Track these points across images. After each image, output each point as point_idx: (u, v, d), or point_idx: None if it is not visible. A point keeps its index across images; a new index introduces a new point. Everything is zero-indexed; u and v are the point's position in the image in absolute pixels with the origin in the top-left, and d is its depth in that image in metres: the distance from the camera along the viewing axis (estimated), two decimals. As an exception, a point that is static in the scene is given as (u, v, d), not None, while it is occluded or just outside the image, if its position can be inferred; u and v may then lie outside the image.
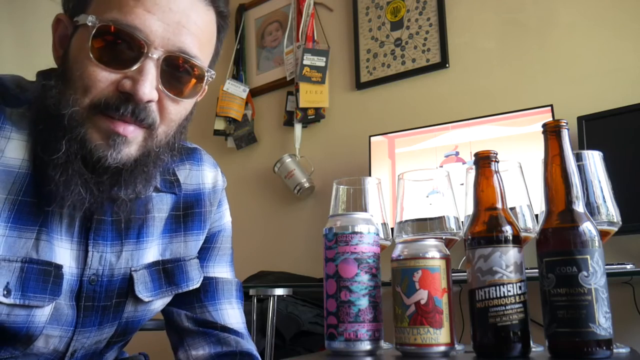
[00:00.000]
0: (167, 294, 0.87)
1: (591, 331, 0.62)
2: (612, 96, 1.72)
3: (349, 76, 2.37)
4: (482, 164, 0.74)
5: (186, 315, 0.91)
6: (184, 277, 0.88)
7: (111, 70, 0.69)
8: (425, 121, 2.00)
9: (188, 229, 0.90)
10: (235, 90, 2.57)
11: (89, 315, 0.78)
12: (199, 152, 0.96)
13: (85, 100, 0.69)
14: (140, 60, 0.69)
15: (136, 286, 0.82)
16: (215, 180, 0.95)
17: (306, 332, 1.79)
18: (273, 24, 2.66)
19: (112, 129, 0.69)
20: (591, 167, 0.77)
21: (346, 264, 0.72)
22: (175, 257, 0.88)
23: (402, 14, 2.26)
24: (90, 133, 0.69)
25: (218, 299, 0.92)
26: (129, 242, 0.81)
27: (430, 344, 0.67)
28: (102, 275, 0.79)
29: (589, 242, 0.64)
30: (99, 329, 0.80)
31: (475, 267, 0.68)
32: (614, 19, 1.81)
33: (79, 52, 0.70)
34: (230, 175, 2.64)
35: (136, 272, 0.82)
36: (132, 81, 0.69)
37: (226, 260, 0.97)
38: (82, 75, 0.69)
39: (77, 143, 0.69)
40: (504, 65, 2.00)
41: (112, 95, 0.69)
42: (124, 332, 0.85)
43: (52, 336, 0.76)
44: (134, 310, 0.83)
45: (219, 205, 0.96)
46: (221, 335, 0.90)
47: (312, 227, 2.30)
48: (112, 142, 0.69)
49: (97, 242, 0.78)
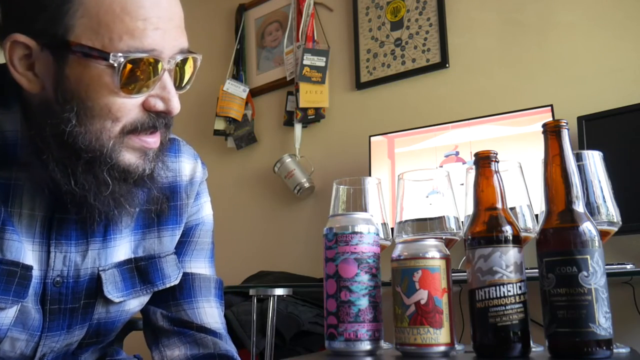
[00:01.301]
0: (141, 293, 0.84)
1: (591, 331, 0.62)
2: (612, 96, 1.72)
3: (349, 76, 2.37)
4: (482, 164, 0.73)
5: (161, 313, 0.88)
6: (159, 275, 0.85)
7: (137, 96, 0.69)
8: (425, 121, 2.00)
9: (162, 224, 0.87)
10: (235, 90, 2.57)
11: (56, 318, 0.76)
12: (176, 143, 0.93)
13: (115, 129, 0.69)
14: (159, 76, 0.69)
15: (105, 286, 0.79)
16: (193, 172, 0.92)
17: (306, 332, 1.79)
18: (273, 24, 2.66)
19: (145, 147, 0.72)
20: (591, 167, 0.77)
21: (346, 264, 0.72)
22: (149, 254, 0.85)
23: (402, 14, 2.26)
24: (126, 157, 0.70)
25: (194, 297, 0.89)
26: (95, 240, 0.79)
27: (430, 344, 0.67)
28: (67, 276, 0.76)
29: (589, 242, 0.64)
30: (68, 332, 0.78)
31: (475, 267, 0.68)
32: (614, 19, 1.81)
33: (97, 86, 0.67)
34: (230, 175, 2.67)
35: (104, 271, 0.79)
36: (161, 100, 0.70)
37: (204, 255, 0.93)
38: (110, 108, 0.68)
39: (117, 170, 0.70)
40: (503, 65, 2.00)
41: (143, 117, 0.70)
42: (96, 333, 0.83)
43: (18, 339, 0.74)
44: (105, 311, 0.81)
45: (197, 198, 0.93)
46: (197, 335, 0.87)
47: (312, 227, 2.30)
48: (147, 157, 0.72)
49: (60, 242, 0.76)
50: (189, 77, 0.76)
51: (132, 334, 1.13)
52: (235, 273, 2.18)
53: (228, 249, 2.48)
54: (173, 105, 0.71)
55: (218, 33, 2.83)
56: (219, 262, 0.99)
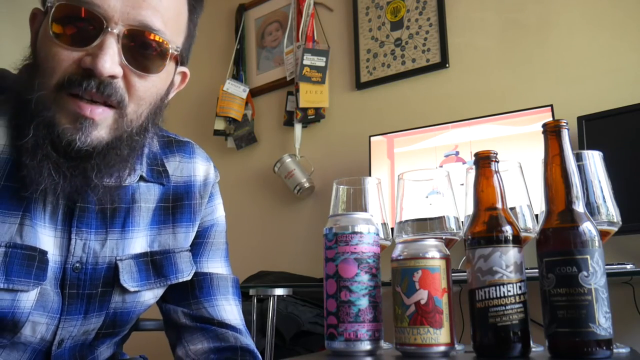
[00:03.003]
0: (155, 286, 0.86)
1: (591, 331, 0.62)
2: (612, 96, 1.72)
3: (349, 76, 2.37)
4: (482, 164, 0.74)
5: (183, 312, 0.90)
6: (173, 269, 0.87)
7: (73, 49, 0.68)
8: (425, 121, 2.00)
9: (177, 221, 0.89)
10: (235, 90, 2.57)
11: (74, 302, 0.78)
12: (190, 145, 0.96)
13: (51, 81, 0.69)
14: (100, 36, 0.68)
15: (121, 275, 0.81)
16: (207, 173, 0.95)
17: (306, 332, 1.79)
18: (273, 24, 2.66)
19: (79, 111, 0.69)
20: (591, 167, 0.77)
21: (346, 264, 0.72)
22: (164, 249, 0.87)
23: (402, 14, 2.26)
24: (57, 117, 0.69)
25: (213, 295, 0.91)
26: (114, 230, 0.81)
27: (430, 344, 0.67)
28: (86, 263, 0.79)
29: (589, 242, 0.64)
30: (86, 318, 0.80)
31: (475, 267, 0.68)
32: (614, 19, 1.81)
33: (43, 36, 0.71)
34: (230, 175, 2.67)
35: (121, 261, 0.82)
36: (92, 57, 0.68)
37: (220, 255, 0.97)
38: (47, 57, 0.69)
39: (44, 127, 0.69)
40: (504, 65, 2.00)
41: (74, 72, 0.68)
42: (112, 324, 0.85)
43: (38, 323, 0.76)
44: (122, 300, 0.83)
45: (211, 199, 0.95)
46: (219, 331, 0.89)
47: (312, 227, 2.30)
48: (80, 125, 0.69)
49: (81, 230, 0.78)
50: (153, 61, 0.73)
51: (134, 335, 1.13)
52: (235, 273, 2.17)
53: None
54: (99, 62, 0.67)
55: (218, 33, 2.83)
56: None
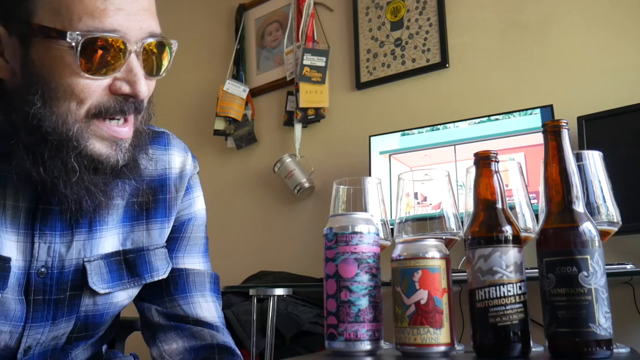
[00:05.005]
0: (129, 286, 0.83)
1: (591, 331, 0.62)
2: (612, 96, 1.72)
3: (349, 76, 2.37)
4: (482, 164, 0.74)
5: (157, 310, 0.87)
6: (147, 268, 0.85)
7: (101, 78, 0.68)
8: (425, 121, 2.00)
9: (151, 217, 0.86)
10: (235, 90, 2.57)
11: (40, 309, 0.76)
12: (166, 136, 0.92)
13: (80, 112, 0.68)
14: (124, 59, 0.68)
15: (90, 277, 0.79)
16: (183, 165, 0.91)
17: (306, 332, 1.79)
18: (273, 24, 2.66)
19: (115, 136, 0.71)
20: (591, 167, 0.77)
21: (346, 264, 0.72)
22: (138, 247, 0.84)
23: (402, 14, 2.26)
24: (96, 146, 0.70)
25: (189, 292, 0.88)
26: (81, 231, 0.79)
27: (430, 344, 0.67)
28: (51, 267, 0.76)
29: (589, 242, 0.64)
30: (54, 324, 0.78)
31: (475, 267, 0.68)
32: (614, 19, 1.81)
33: (59, 67, 0.67)
34: (230, 175, 2.67)
35: (90, 262, 0.79)
36: (127, 83, 0.69)
37: (198, 250, 0.93)
38: (73, 89, 0.67)
39: (86, 158, 0.69)
40: (504, 65, 2.00)
41: (109, 100, 0.69)
42: (84, 327, 0.82)
43: (0, 331, 0.74)
44: (92, 303, 0.80)
45: (188, 192, 0.92)
46: (194, 329, 0.86)
47: (312, 227, 2.30)
48: (119, 147, 0.71)
49: (44, 232, 0.76)
50: (166, 64, 0.75)
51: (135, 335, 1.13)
52: (235, 273, 2.18)
53: (228, 249, 2.48)
54: (139, 88, 0.69)
55: (218, 33, 2.83)
56: (220, 262, 0.99)
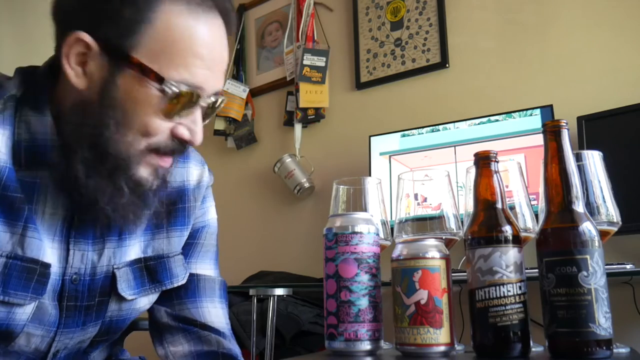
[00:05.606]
0: (151, 292, 0.86)
1: (591, 331, 0.62)
2: (612, 96, 1.72)
3: (349, 76, 2.37)
4: (482, 164, 0.73)
5: (166, 311, 0.90)
6: (168, 274, 0.87)
7: (171, 121, 0.73)
8: (425, 121, 2.00)
9: (171, 225, 0.89)
10: (235, 90, 2.57)
11: (72, 315, 0.78)
12: None
13: (142, 144, 0.73)
14: (195, 109, 0.75)
15: (119, 284, 0.81)
16: (200, 177, 0.95)
17: (306, 332, 1.79)
18: (273, 24, 2.66)
19: (160, 165, 0.76)
20: (591, 167, 0.77)
21: (346, 264, 0.72)
22: (158, 254, 0.87)
23: (402, 14, 2.26)
24: (143, 171, 0.74)
25: (199, 297, 0.91)
26: (111, 239, 0.81)
27: (430, 344, 0.67)
28: (84, 274, 0.79)
29: (588, 242, 0.64)
30: (83, 329, 0.80)
31: (475, 267, 0.68)
32: (614, 19, 1.81)
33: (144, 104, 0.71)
34: (230, 175, 2.67)
35: (118, 269, 0.82)
36: (188, 130, 0.75)
37: (210, 257, 0.96)
38: (147, 126, 0.72)
39: (132, 181, 0.73)
40: (503, 65, 2.00)
41: (168, 141, 0.74)
42: (107, 331, 0.84)
43: (33, 335, 0.76)
44: (118, 309, 0.83)
45: (203, 201, 0.96)
46: (201, 333, 0.88)
47: (312, 227, 2.30)
48: (157, 173, 0.77)
49: (78, 241, 0.78)
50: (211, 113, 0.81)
51: (134, 335, 1.13)
52: (235, 273, 2.18)
53: (228, 249, 2.48)
54: (198, 138, 0.76)
55: (218, 33, 2.82)
56: (220, 262, 1.00)
